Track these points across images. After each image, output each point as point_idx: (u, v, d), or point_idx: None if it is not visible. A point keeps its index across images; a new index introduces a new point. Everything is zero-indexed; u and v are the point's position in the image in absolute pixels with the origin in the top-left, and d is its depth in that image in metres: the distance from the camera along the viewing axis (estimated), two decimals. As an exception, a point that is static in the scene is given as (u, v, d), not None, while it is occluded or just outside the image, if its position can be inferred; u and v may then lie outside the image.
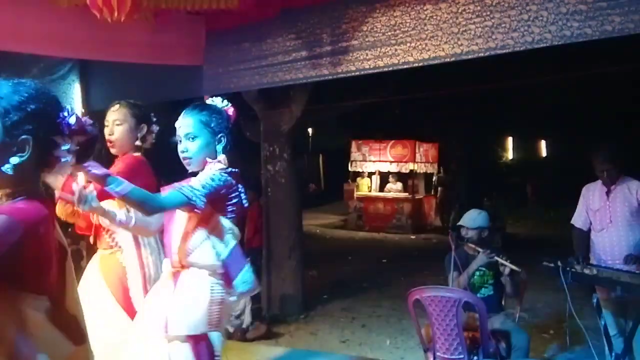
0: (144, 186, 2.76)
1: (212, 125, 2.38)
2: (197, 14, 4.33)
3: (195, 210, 2.21)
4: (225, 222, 2.32)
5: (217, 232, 2.30)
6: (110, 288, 2.85)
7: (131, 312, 2.79)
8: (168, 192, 2.24)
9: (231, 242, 2.32)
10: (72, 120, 1.53)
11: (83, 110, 5.12)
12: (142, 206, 2.17)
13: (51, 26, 3.82)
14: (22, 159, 1.47)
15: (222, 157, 2.38)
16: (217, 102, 2.52)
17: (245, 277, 2.33)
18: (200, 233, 2.29)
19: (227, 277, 2.31)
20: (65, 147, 1.53)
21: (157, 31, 4.23)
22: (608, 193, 4.08)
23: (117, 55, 4.25)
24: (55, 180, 2.52)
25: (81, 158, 1.59)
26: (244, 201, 2.38)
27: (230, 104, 2.53)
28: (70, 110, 1.55)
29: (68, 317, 1.61)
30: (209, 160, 2.38)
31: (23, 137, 1.46)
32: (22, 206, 1.48)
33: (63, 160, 1.54)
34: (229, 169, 2.36)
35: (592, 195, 4.19)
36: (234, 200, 2.33)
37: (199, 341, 2.25)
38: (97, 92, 5.19)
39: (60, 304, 1.59)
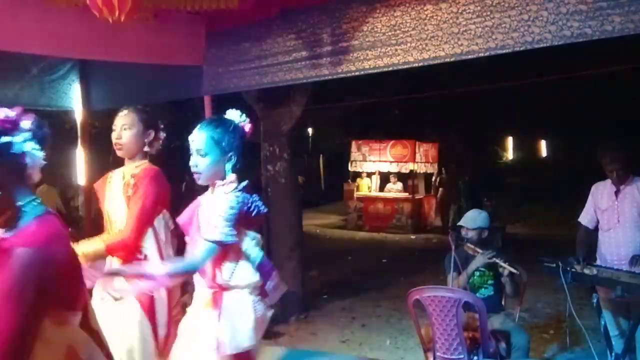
0: (164, 196, 2.94)
1: (223, 144, 2.39)
2: (197, 14, 4.32)
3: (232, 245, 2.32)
4: (251, 234, 2.40)
5: (248, 248, 2.39)
6: (138, 299, 2.86)
7: (153, 320, 2.86)
8: (200, 248, 2.29)
9: (259, 252, 2.41)
10: (6, 114, 1.54)
11: (83, 110, 5.12)
12: (186, 275, 2.38)
13: (51, 26, 3.82)
14: None
15: (232, 176, 2.40)
16: (235, 116, 2.51)
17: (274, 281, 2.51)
18: (235, 255, 2.37)
19: (262, 288, 2.44)
20: (19, 139, 1.53)
21: (157, 31, 4.23)
22: (617, 193, 4.06)
23: (117, 55, 4.24)
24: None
25: (41, 143, 1.60)
26: (262, 208, 2.44)
27: (248, 119, 2.53)
28: None
29: (94, 332, 1.64)
30: (218, 182, 2.40)
31: None
32: (35, 230, 1.48)
33: (29, 151, 1.53)
34: (241, 185, 2.39)
35: (601, 194, 4.17)
36: (254, 213, 2.39)
37: (244, 356, 2.38)
38: (97, 92, 5.18)
39: (87, 318, 1.63)
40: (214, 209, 2.31)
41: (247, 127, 2.52)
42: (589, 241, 4.23)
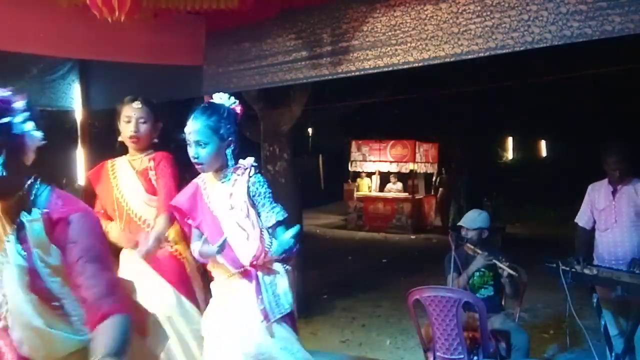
0: (176, 179, 3.08)
1: (222, 131, 2.44)
2: (197, 14, 4.32)
3: None
4: None
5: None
6: (169, 280, 3.01)
7: (193, 299, 3.04)
8: (280, 232, 2.50)
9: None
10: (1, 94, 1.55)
11: (83, 110, 5.12)
12: (290, 255, 2.54)
13: (51, 26, 3.82)
14: (3, 156, 1.48)
15: (250, 160, 2.53)
16: (224, 99, 2.54)
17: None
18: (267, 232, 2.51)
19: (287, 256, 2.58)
20: (19, 120, 1.54)
21: (157, 31, 4.23)
22: (614, 193, 4.07)
23: (117, 55, 4.24)
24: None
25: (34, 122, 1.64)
26: None
27: (237, 102, 2.57)
28: None
29: None
30: (240, 165, 2.50)
31: None
32: (65, 198, 1.57)
33: (28, 131, 1.55)
34: (254, 165, 2.52)
35: (597, 195, 4.18)
36: None
37: (289, 315, 2.56)
38: (97, 92, 5.18)
39: None
40: (244, 194, 2.43)
41: (238, 109, 2.56)
42: (587, 241, 4.23)
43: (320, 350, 5.20)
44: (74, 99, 5.13)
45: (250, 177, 2.45)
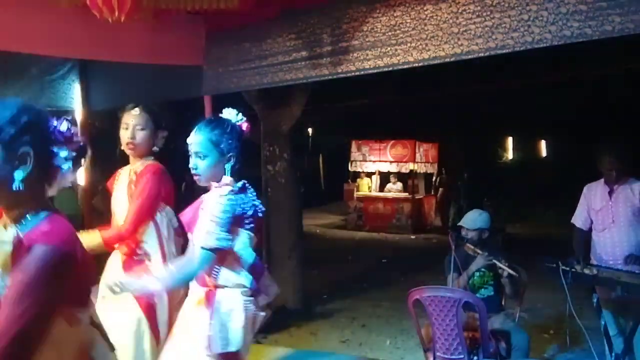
0: (167, 193, 2.98)
1: (222, 145, 2.41)
2: (197, 14, 4.33)
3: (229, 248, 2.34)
4: (245, 234, 2.39)
5: (241, 248, 2.39)
6: (136, 297, 2.88)
7: (152, 318, 2.90)
8: (197, 255, 2.32)
9: (251, 252, 2.41)
10: (63, 127, 1.56)
11: (83, 110, 5.13)
12: (187, 281, 2.41)
13: (51, 26, 3.82)
14: (26, 171, 1.47)
15: (227, 179, 2.41)
16: (232, 115, 2.52)
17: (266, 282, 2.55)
18: (222, 256, 2.37)
19: (254, 287, 2.44)
20: (63, 155, 1.54)
21: (157, 31, 4.23)
22: (610, 193, 4.07)
23: (117, 55, 4.25)
24: None
25: (76, 165, 1.61)
26: (260, 208, 2.45)
27: (245, 118, 2.54)
28: (59, 118, 1.57)
29: (97, 326, 1.66)
30: (214, 184, 2.41)
31: (23, 149, 1.46)
32: (51, 228, 1.48)
33: (64, 168, 1.55)
34: (237, 186, 2.39)
35: (594, 195, 4.18)
36: (250, 213, 2.39)
37: (233, 357, 2.36)
38: (97, 92, 5.18)
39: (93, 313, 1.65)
40: (208, 213, 2.33)
41: (244, 125, 2.53)
42: (584, 242, 4.24)
43: (320, 350, 5.20)
44: (74, 99, 5.14)
45: (220, 196, 2.35)
